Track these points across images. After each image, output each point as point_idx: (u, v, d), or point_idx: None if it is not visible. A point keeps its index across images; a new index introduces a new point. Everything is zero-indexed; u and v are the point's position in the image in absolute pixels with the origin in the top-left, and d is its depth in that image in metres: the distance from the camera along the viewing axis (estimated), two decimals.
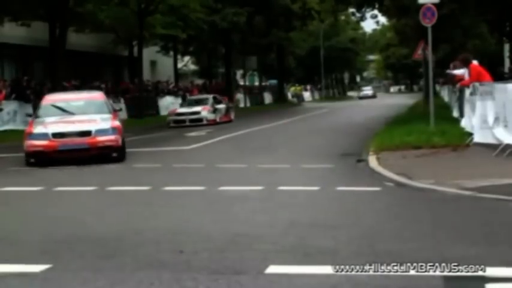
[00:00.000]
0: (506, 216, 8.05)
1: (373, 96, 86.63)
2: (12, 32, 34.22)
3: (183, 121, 31.07)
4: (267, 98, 64.91)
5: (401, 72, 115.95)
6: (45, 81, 33.49)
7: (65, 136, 15.48)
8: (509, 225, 7.60)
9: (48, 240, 7.18)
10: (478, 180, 10.08)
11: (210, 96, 34.26)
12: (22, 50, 37.27)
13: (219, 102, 33.79)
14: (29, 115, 19.72)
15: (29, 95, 30.50)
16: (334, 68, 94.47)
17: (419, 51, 37.27)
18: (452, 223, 7.66)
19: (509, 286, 5.16)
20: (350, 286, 5.21)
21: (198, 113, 31.53)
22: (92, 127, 15.68)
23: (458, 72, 18.54)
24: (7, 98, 29.20)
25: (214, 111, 32.12)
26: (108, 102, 17.72)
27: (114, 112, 17.34)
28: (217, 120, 31.74)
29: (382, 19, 53.64)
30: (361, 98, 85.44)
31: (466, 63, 17.19)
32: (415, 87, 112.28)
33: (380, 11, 39.60)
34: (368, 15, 39.85)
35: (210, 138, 21.96)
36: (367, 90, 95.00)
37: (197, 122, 30.72)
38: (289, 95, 72.73)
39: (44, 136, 15.46)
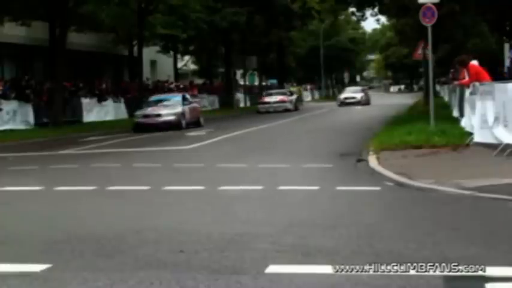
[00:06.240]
0: (506, 216, 8.04)
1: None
2: (12, 31, 34.24)
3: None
4: None
5: (402, 71, 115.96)
6: (45, 81, 33.51)
7: None
8: (509, 225, 7.60)
9: (48, 240, 7.17)
10: (478, 180, 10.07)
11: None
12: (22, 50, 37.29)
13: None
14: None
15: (29, 95, 30.53)
16: (334, 68, 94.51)
17: (420, 51, 37.33)
18: (452, 223, 7.66)
19: (509, 286, 5.15)
20: (350, 286, 5.21)
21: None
22: None
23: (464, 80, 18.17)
24: (7, 98, 29.21)
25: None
26: None
27: None
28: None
29: (382, 18, 53.76)
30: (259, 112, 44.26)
31: (463, 65, 17.18)
32: (415, 87, 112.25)
33: (380, 10, 39.64)
34: (368, 13, 39.96)
35: (210, 138, 21.95)
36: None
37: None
38: None
39: None
